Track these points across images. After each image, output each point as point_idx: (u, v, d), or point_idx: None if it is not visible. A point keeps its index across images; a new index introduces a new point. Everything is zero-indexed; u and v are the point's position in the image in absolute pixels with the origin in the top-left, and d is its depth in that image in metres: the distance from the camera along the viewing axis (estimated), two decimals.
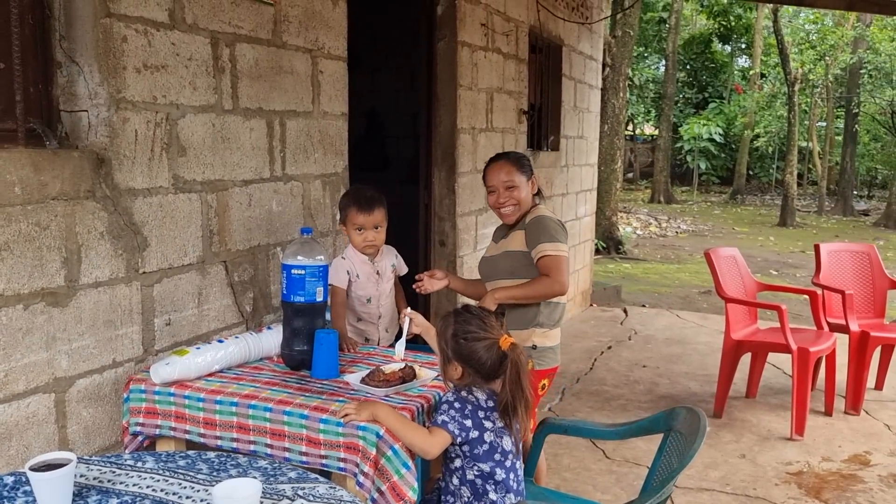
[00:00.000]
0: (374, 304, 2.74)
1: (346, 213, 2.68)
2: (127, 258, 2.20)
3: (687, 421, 2.06)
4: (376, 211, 2.66)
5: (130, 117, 2.18)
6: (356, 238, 2.68)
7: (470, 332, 1.96)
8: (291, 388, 2.11)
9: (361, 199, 2.66)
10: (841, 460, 3.75)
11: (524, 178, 2.81)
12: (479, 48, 4.60)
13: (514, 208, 2.81)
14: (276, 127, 2.81)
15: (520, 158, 2.88)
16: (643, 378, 5.03)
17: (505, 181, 2.79)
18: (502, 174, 2.80)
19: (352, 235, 2.69)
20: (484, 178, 2.88)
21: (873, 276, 4.79)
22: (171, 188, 2.34)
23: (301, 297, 2.24)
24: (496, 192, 2.82)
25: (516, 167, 2.82)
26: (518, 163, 2.84)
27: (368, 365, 2.32)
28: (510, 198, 2.79)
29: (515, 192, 2.79)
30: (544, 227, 2.70)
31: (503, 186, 2.79)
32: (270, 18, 2.73)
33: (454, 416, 1.91)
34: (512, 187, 2.78)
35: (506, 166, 2.82)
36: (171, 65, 2.30)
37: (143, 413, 2.14)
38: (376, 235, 2.68)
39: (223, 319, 2.61)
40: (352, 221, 2.66)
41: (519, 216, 2.82)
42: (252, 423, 2.00)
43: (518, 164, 2.84)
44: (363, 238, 2.66)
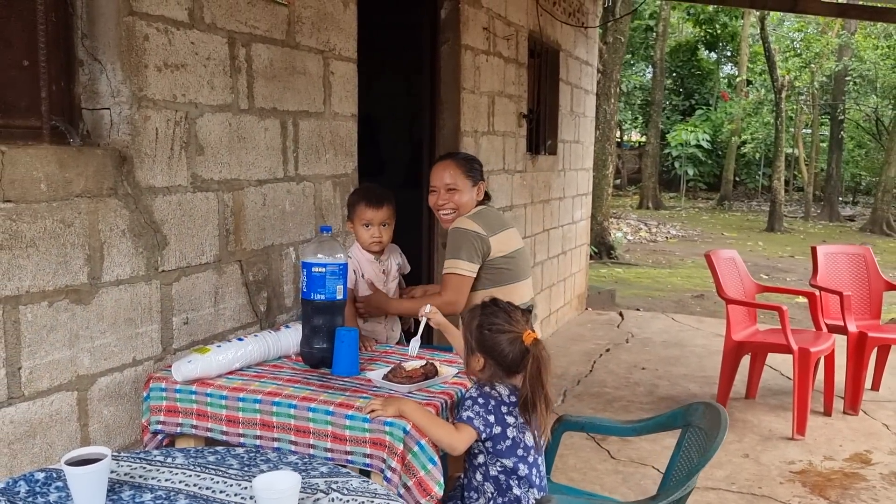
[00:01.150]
0: None
1: (354, 209, 2.67)
2: (147, 256, 2.20)
3: (706, 416, 2.08)
4: (385, 207, 2.65)
5: (151, 115, 2.18)
6: (363, 234, 2.67)
7: (494, 325, 1.98)
8: (313, 385, 2.12)
9: (371, 195, 2.66)
10: (843, 459, 3.79)
11: (469, 183, 2.68)
12: (482, 52, 4.63)
13: (452, 213, 2.69)
14: (289, 127, 2.81)
15: (469, 161, 2.75)
16: (643, 380, 5.06)
17: (447, 183, 2.67)
18: (445, 175, 2.68)
19: (359, 231, 2.68)
20: (430, 178, 2.79)
21: (869, 277, 4.86)
22: (189, 187, 2.34)
23: (322, 295, 2.25)
24: (437, 193, 2.71)
25: (462, 170, 2.68)
26: (465, 165, 2.70)
27: (387, 363, 2.33)
28: (449, 201, 2.68)
29: (456, 196, 2.66)
30: (452, 241, 2.61)
31: (444, 188, 2.68)
32: (285, 19, 2.75)
33: (478, 412, 1.93)
34: (453, 190, 2.66)
35: (450, 167, 2.69)
36: (190, 64, 2.31)
37: (164, 411, 2.13)
38: (383, 232, 2.67)
39: (238, 319, 2.61)
40: (360, 217, 2.65)
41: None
42: (276, 420, 2.01)
43: (465, 166, 2.69)
44: (370, 234, 2.65)
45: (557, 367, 5.37)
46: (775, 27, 21.69)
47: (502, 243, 2.69)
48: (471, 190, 2.69)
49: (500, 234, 2.70)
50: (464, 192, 2.67)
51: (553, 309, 6.47)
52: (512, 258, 2.71)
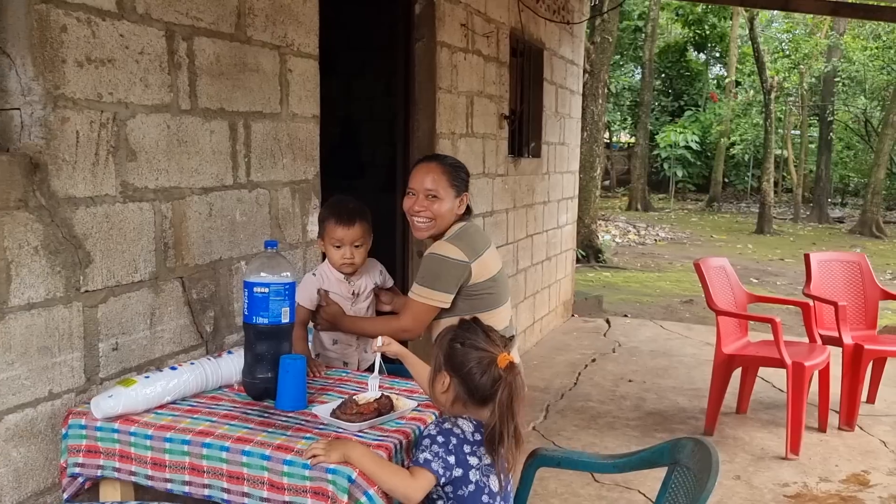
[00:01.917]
0: None
1: (324, 226, 2.41)
2: (66, 276, 1.95)
3: (696, 455, 1.85)
4: (357, 225, 2.37)
5: (71, 117, 1.93)
6: (333, 255, 2.40)
7: (468, 339, 1.76)
8: (252, 422, 1.87)
9: (342, 212, 2.38)
10: (839, 480, 3.58)
11: (452, 192, 2.36)
12: (459, 49, 4.40)
13: (427, 223, 2.38)
14: (239, 129, 2.57)
15: (456, 167, 2.42)
16: (630, 393, 4.84)
17: (428, 188, 2.35)
18: (427, 179, 2.36)
19: (329, 251, 2.41)
20: (410, 177, 2.47)
21: (864, 286, 4.66)
22: (118, 196, 2.09)
23: (265, 319, 2.00)
24: (415, 197, 2.38)
25: (448, 177, 2.36)
26: (452, 172, 2.39)
27: (341, 393, 2.09)
28: (427, 209, 2.35)
29: (436, 205, 2.34)
30: (429, 268, 2.33)
31: (424, 193, 2.35)
32: (233, 11, 2.50)
33: (437, 453, 1.69)
34: (434, 197, 2.34)
35: (435, 171, 2.37)
36: (119, 59, 2.06)
37: (84, 452, 1.88)
38: (355, 253, 2.39)
39: (180, 342, 2.36)
40: (330, 235, 2.38)
41: (432, 235, 2.43)
42: (206, 463, 1.76)
43: (451, 173, 2.38)
44: (341, 255, 2.39)
45: (541, 379, 5.15)
46: (764, 28, 21.59)
47: (485, 267, 2.40)
48: (453, 200, 2.38)
49: (484, 255, 2.42)
50: (445, 201, 2.36)
51: (537, 317, 6.24)
52: (494, 282, 2.44)
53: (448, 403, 1.78)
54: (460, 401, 1.76)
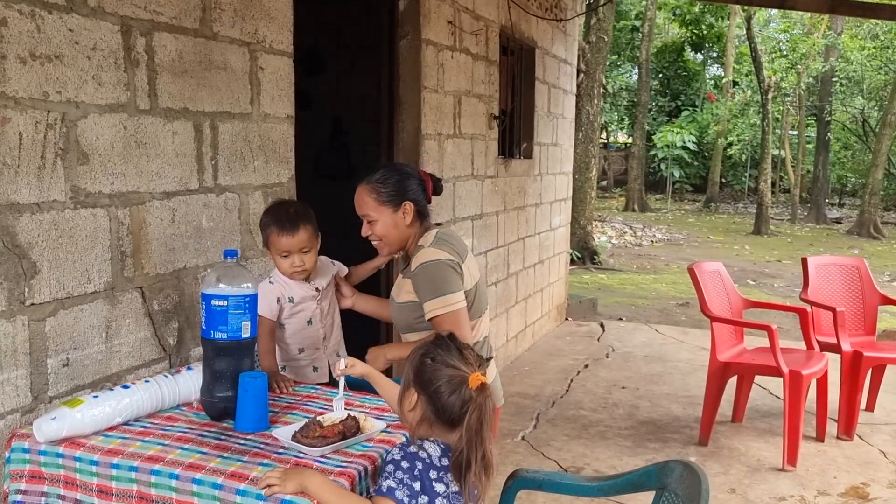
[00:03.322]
0: (316, 326, 2.36)
1: (267, 237, 2.25)
2: (9, 288, 1.81)
3: (685, 481, 1.73)
4: (301, 231, 2.21)
5: (13, 117, 1.80)
6: (283, 264, 2.25)
7: (439, 355, 1.63)
8: (208, 445, 1.74)
9: (283, 218, 2.22)
10: (838, 494, 3.46)
11: (387, 209, 2.19)
12: (446, 48, 4.27)
13: (380, 243, 2.25)
14: (205, 130, 2.43)
15: (382, 181, 2.20)
16: (622, 401, 4.71)
17: (363, 214, 2.21)
18: (358, 205, 2.22)
19: (277, 261, 2.27)
20: None
21: (863, 290, 4.53)
22: (68, 202, 1.96)
23: (223, 333, 1.87)
24: (363, 223, 2.25)
25: (374, 195, 2.18)
26: (377, 188, 2.19)
27: (307, 412, 1.96)
28: (372, 232, 2.23)
29: (377, 227, 2.20)
30: (429, 279, 2.15)
31: (364, 218, 2.24)
32: (198, 5, 2.37)
33: (401, 479, 1.55)
34: (370, 221, 2.21)
35: (360, 195, 2.21)
36: (67, 55, 1.93)
37: (27, 478, 1.75)
38: (305, 259, 2.24)
39: (140, 356, 2.23)
40: (275, 245, 2.23)
41: (395, 252, 2.29)
42: (155, 492, 1.63)
43: (377, 189, 2.19)
44: (290, 264, 2.24)
45: (532, 386, 5.02)
46: (761, 28, 21.48)
47: (469, 273, 2.27)
48: (392, 215, 2.19)
49: (467, 260, 2.29)
50: (381, 220, 2.19)
51: (529, 321, 6.11)
52: (476, 289, 2.30)
53: (414, 423, 1.65)
54: (427, 421, 1.63)
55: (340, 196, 6.86)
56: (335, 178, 6.34)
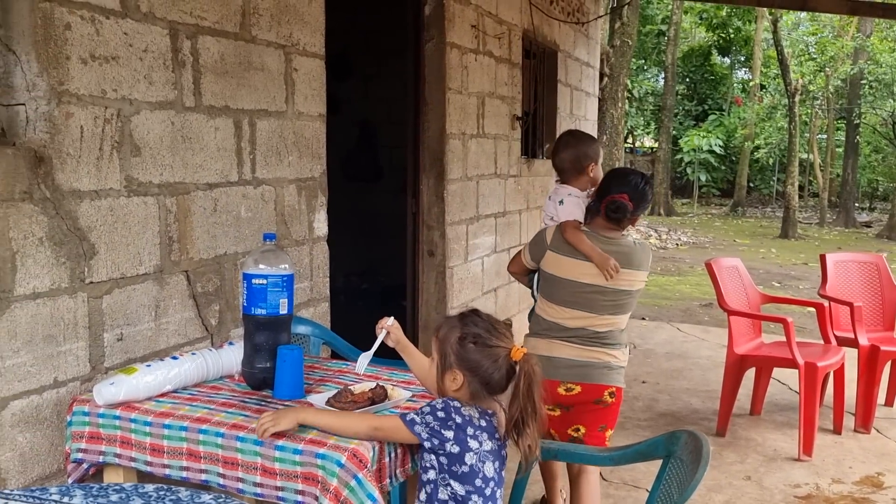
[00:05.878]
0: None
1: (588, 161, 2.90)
2: (71, 267, 2.00)
3: (688, 446, 1.85)
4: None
5: (75, 112, 1.99)
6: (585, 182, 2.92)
7: (479, 337, 1.76)
8: (249, 410, 1.91)
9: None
10: (852, 482, 3.53)
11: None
12: (470, 51, 4.42)
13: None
14: (244, 127, 2.62)
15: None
16: (642, 394, 4.81)
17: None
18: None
19: (582, 181, 2.91)
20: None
21: (882, 287, 4.58)
22: (123, 190, 2.14)
23: (263, 310, 2.04)
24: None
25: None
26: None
27: (338, 384, 2.12)
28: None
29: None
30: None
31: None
32: (238, 10, 2.55)
33: (428, 423, 1.70)
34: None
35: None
36: (123, 56, 2.12)
37: (87, 438, 1.93)
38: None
39: (185, 334, 2.41)
40: (594, 160, 2.92)
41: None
42: (203, 449, 1.80)
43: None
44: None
45: None
46: (790, 31, 21.35)
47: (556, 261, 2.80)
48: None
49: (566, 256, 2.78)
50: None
51: None
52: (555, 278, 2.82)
53: (464, 398, 1.77)
54: (475, 395, 1.77)
55: (367, 196, 7.06)
56: (363, 179, 6.55)
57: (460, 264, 4.46)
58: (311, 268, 3.03)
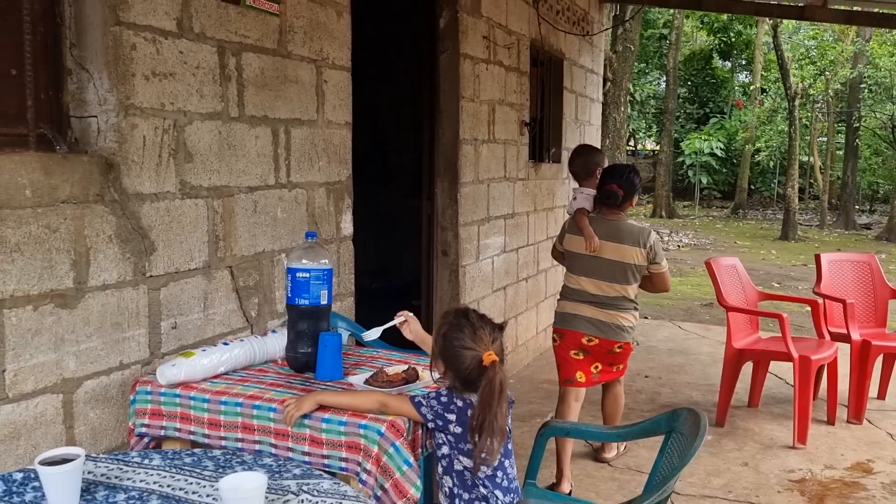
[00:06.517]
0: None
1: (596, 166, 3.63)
2: (134, 261, 2.23)
3: (688, 422, 2.08)
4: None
5: (139, 123, 2.22)
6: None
7: (458, 338, 1.94)
8: (296, 388, 2.14)
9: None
10: (843, 468, 3.75)
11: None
12: (481, 60, 4.66)
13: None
14: (281, 135, 2.85)
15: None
16: (645, 388, 5.03)
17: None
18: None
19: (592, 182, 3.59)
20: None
21: (874, 285, 4.81)
22: (178, 193, 2.38)
23: (306, 300, 2.27)
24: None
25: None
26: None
27: (372, 367, 2.35)
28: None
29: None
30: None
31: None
32: (276, 29, 2.78)
33: (433, 406, 1.92)
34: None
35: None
36: (178, 72, 2.35)
37: (149, 414, 2.16)
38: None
39: (228, 324, 2.64)
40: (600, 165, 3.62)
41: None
42: (257, 423, 2.03)
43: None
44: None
45: None
46: (791, 35, 21.56)
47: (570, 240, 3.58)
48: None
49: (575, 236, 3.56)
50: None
51: None
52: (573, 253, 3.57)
53: (447, 385, 1.98)
54: (454, 386, 1.96)
55: (378, 199, 7.30)
56: (373, 181, 6.78)
57: (472, 263, 4.69)
58: (338, 265, 3.26)
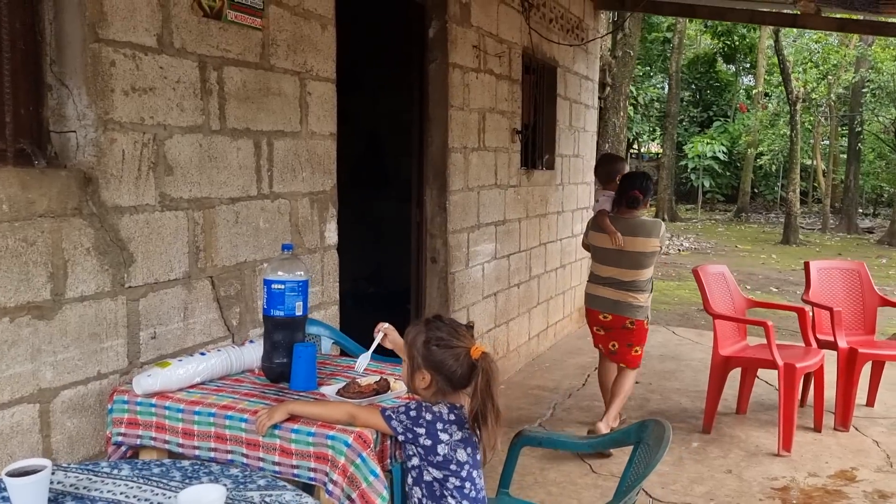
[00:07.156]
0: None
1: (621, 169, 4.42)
2: (113, 273, 2.28)
3: (654, 433, 2.11)
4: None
5: (118, 138, 2.26)
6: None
7: (442, 340, 1.99)
8: (269, 399, 2.17)
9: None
10: (827, 476, 3.77)
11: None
12: (471, 69, 4.69)
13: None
14: (263, 147, 2.89)
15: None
16: (635, 394, 5.04)
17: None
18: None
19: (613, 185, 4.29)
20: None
21: (863, 293, 4.82)
22: (157, 206, 2.42)
23: (281, 312, 2.31)
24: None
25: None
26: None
27: (347, 378, 2.38)
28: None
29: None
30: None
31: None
32: (258, 42, 2.83)
33: (402, 420, 1.95)
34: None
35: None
36: (158, 87, 2.40)
37: (126, 423, 2.20)
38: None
39: (209, 333, 2.68)
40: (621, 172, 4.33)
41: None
42: (229, 433, 2.06)
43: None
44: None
45: (551, 380, 5.39)
46: (795, 38, 21.54)
47: (594, 235, 4.23)
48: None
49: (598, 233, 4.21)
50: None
51: (551, 322, 6.48)
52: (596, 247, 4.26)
53: (430, 395, 2.01)
54: (441, 392, 2.00)
55: (375, 203, 7.32)
56: (371, 186, 6.83)
57: (462, 270, 4.73)
58: (322, 274, 3.30)
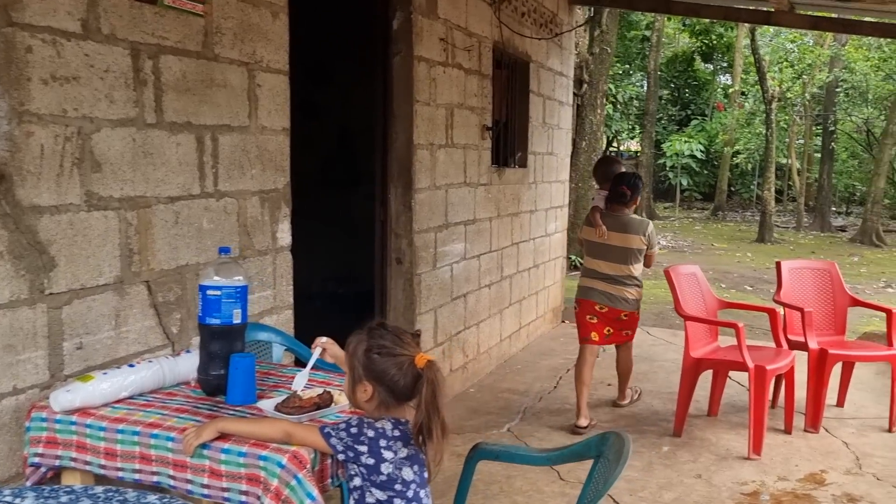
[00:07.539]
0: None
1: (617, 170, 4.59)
2: (30, 279, 2.10)
3: (615, 446, 1.98)
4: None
5: (35, 131, 2.08)
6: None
7: (384, 348, 1.84)
8: (201, 415, 2.01)
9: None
10: (796, 480, 3.67)
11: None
12: (438, 63, 4.54)
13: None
14: (207, 142, 2.72)
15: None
16: (606, 396, 4.95)
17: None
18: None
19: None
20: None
21: (834, 293, 4.74)
22: (83, 205, 2.24)
23: (217, 320, 2.14)
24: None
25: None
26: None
27: (291, 390, 2.22)
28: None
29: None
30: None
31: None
32: (200, 30, 2.65)
33: (342, 437, 1.80)
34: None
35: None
36: (83, 77, 2.22)
37: (44, 443, 2.03)
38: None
39: (145, 342, 2.50)
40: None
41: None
42: (155, 453, 1.90)
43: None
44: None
45: (522, 382, 5.26)
46: (771, 38, 21.63)
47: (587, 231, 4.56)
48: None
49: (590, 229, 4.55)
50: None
51: (524, 323, 6.35)
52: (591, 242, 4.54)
53: (372, 409, 1.87)
54: (384, 405, 1.85)
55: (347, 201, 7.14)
56: (342, 184, 6.66)
57: (428, 271, 4.58)
58: (274, 277, 3.13)
